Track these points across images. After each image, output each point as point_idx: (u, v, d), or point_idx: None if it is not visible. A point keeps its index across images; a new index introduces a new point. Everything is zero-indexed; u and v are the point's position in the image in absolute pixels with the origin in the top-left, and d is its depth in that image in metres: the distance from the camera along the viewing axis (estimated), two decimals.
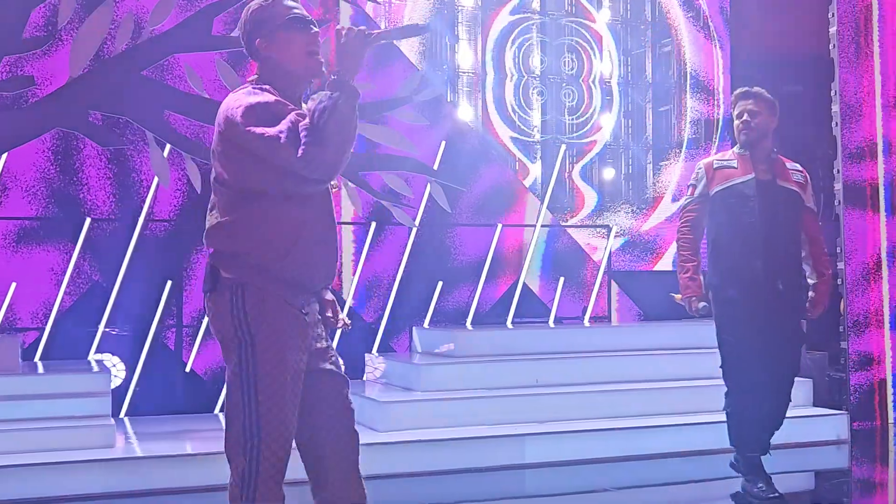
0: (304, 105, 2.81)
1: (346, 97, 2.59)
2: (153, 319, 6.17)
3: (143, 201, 6.21)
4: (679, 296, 4.54)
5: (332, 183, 2.80)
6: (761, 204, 4.37)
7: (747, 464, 4.45)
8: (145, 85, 5.92)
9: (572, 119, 7.97)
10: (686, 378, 6.20)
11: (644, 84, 8.24)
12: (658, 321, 7.44)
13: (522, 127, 7.81)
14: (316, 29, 2.81)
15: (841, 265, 6.52)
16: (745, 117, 4.47)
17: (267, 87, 2.73)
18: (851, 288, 6.59)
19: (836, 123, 6.71)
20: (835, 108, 6.73)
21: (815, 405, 6.26)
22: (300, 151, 2.54)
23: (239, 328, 2.68)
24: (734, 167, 4.47)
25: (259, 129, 2.59)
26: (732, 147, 4.63)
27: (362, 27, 2.66)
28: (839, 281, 6.58)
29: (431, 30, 7.28)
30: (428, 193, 6.92)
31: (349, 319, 3.08)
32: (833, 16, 6.76)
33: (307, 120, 2.58)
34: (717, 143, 8.29)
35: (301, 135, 2.56)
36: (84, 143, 6.15)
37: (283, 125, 2.59)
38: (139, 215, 6.17)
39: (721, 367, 4.50)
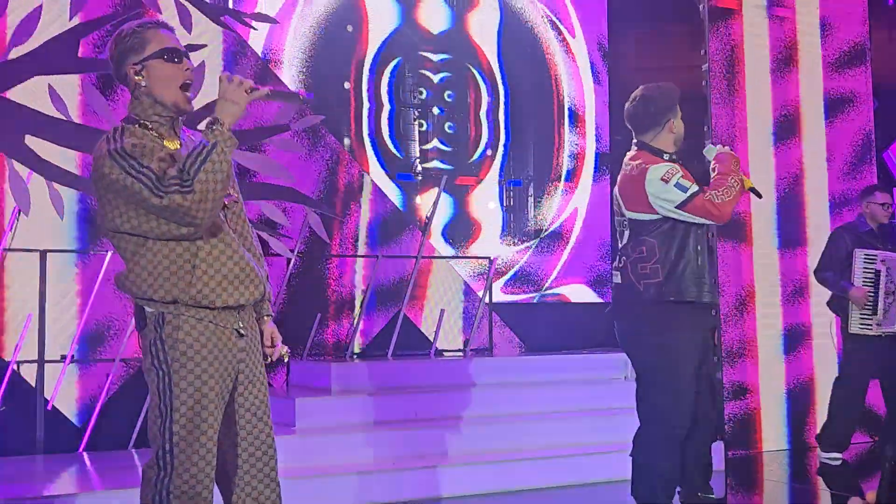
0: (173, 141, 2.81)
1: (221, 146, 2.61)
2: (12, 354, 5.83)
3: (3, 230, 5.88)
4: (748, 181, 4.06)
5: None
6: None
7: None
8: (6, 108, 5.63)
9: (455, 150, 7.95)
10: (567, 410, 6.20)
11: (526, 117, 8.29)
12: (539, 353, 7.44)
13: (401, 158, 7.75)
14: (190, 63, 2.82)
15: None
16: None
17: (135, 124, 2.74)
18: (725, 319, 6.71)
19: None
20: (707, 142, 6.88)
21: None
22: (166, 199, 2.55)
23: (155, 357, 2.70)
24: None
25: (124, 176, 2.59)
26: (662, 157, 4.07)
27: (246, 80, 2.71)
28: (713, 312, 6.69)
29: (308, 103, 7.07)
30: (306, 223, 6.78)
31: (287, 349, 3.06)
32: (705, 53, 6.93)
33: (177, 165, 2.59)
34: (593, 175, 8.39)
35: (168, 180, 2.56)
36: None
37: (149, 173, 2.58)
38: None
39: (648, 398, 3.98)
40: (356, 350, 6.93)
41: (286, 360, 3.08)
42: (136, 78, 2.76)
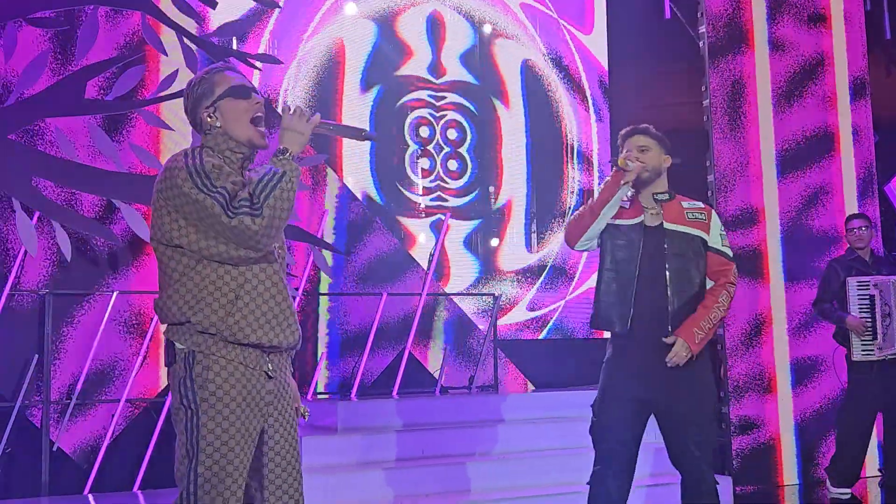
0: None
1: (289, 175, 2.69)
2: (18, 396, 5.82)
3: (9, 271, 5.90)
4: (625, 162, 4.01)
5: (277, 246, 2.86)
6: (646, 252, 3.93)
7: None
8: (12, 149, 5.66)
9: (457, 188, 7.99)
10: (573, 447, 6.16)
11: (527, 155, 8.33)
12: (544, 389, 7.41)
13: (407, 195, 7.78)
14: (259, 97, 2.89)
15: (720, 331, 6.63)
16: (632, 153, 4.04)
17: (208, 150, 2.80)
18: (731, 353, 6.70)
19: (712, 193, 6.88)
20: (710, 177, 6.92)
21: None
22: (235, 220, 2.61)
23: (185, 397, 2.68)
24: (626, 207, 4.02)
25: (197, 192, 2.65)
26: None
27: (305, 109, 2.80)
28: (719, 346, 6.69)
29: (374, 138, 7.13)
30: (311, 261, 6.80)
31: (306, 409, 3.06)
32: (706, 89, 6.98)
33: (247, 189, 2.66)
34: None
35: (238, 202, 2.63)
36: None
37: (223, 192, 2.65)
38: (4, 286, 5.86)
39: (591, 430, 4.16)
40: (361, 389, 6.91)
41: (305, 420, 3.07)
42: (209, 119, 2.84)
